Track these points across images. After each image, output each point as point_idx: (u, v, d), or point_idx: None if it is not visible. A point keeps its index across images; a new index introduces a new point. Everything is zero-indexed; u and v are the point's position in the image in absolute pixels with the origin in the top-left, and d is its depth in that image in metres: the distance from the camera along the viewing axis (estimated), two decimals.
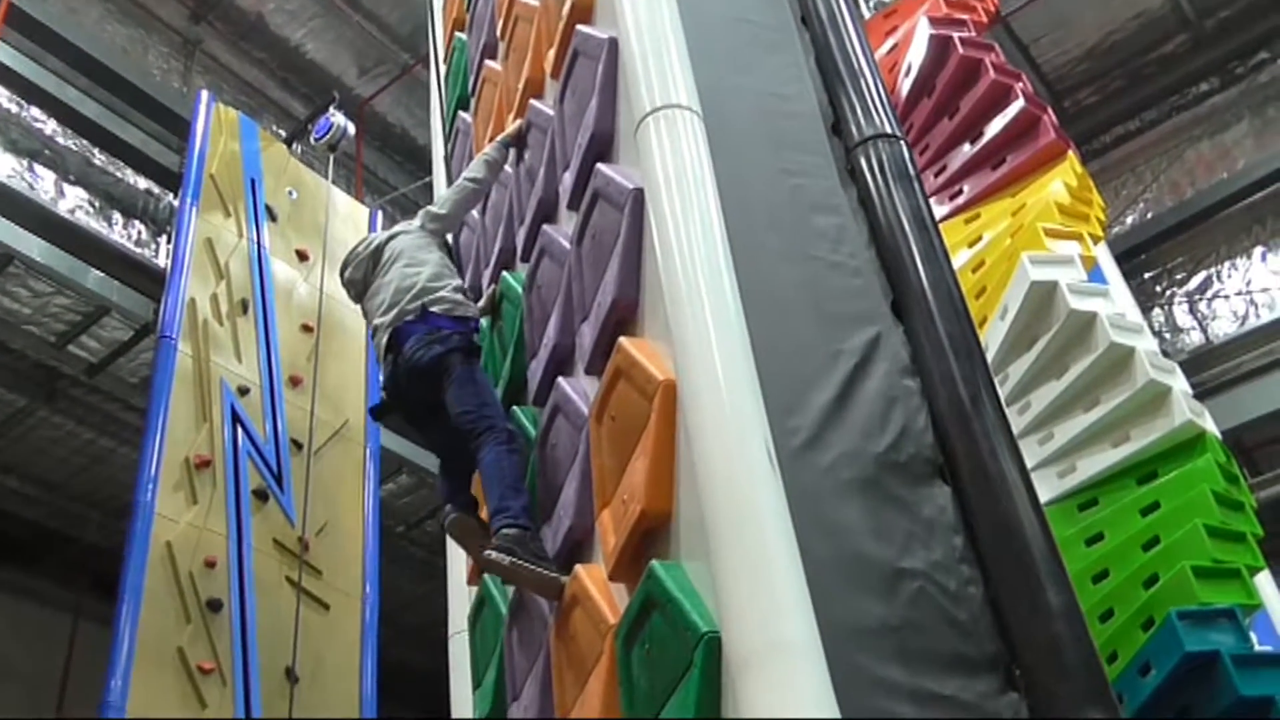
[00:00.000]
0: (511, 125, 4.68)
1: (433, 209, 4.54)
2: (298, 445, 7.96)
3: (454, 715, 4.48)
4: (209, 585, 6.96)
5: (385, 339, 4.07)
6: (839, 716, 2.02)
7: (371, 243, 4.47)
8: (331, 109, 9.74)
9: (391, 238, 4.40)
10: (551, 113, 4.14)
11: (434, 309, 4.00)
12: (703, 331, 2.59)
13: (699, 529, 2.38)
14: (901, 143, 3.23)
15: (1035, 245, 5.32)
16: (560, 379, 3.60)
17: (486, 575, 4.10)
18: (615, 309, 3.15)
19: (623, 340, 3.00)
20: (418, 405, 4.03)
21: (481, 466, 3.63)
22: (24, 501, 10.04)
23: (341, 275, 4.58)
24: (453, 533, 4.05)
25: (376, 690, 7.54)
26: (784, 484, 2.34)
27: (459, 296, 4.12)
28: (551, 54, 4.27)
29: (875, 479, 2.58)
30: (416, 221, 4.48)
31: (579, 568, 3.12)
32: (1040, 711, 2.30)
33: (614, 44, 3.46)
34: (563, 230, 3.89)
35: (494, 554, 3.31)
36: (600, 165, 3.43)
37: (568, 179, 3.81)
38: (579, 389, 3.47)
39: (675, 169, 2.89)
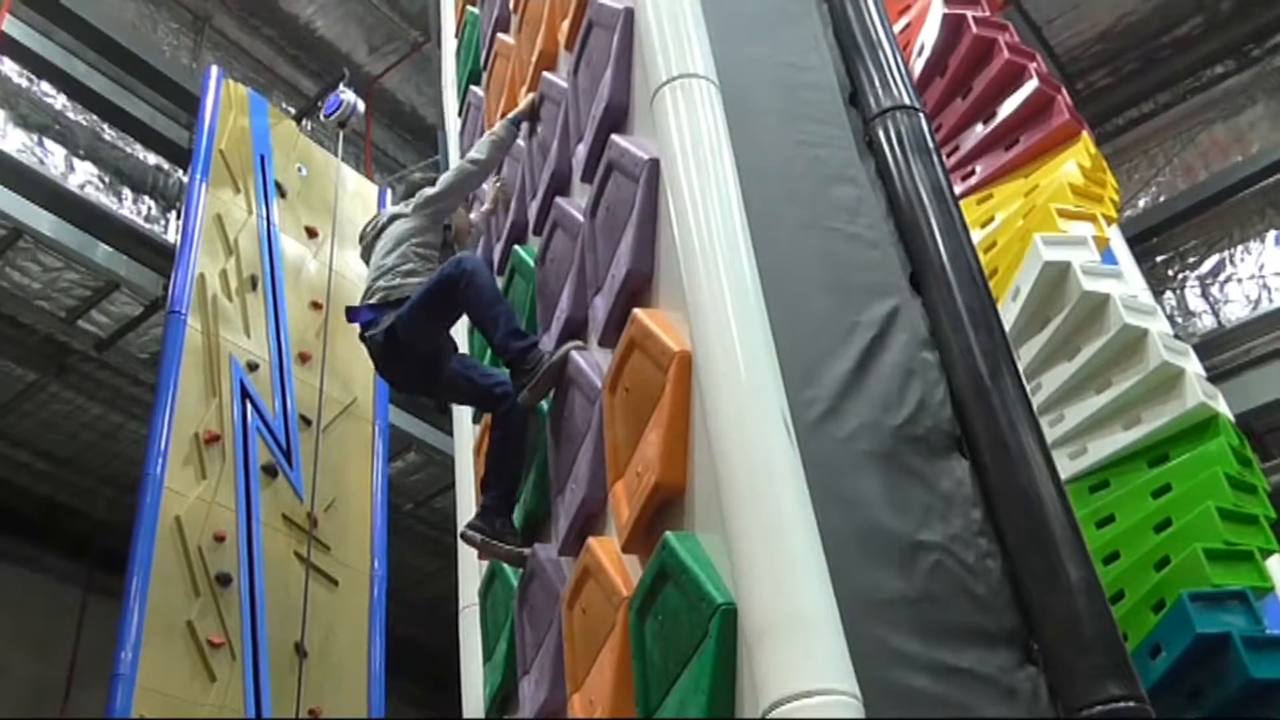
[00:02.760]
0: (524, 99, 4.65)
1: (428, 191, 4.40)
2: (306, 421, 7.98)
3: (464, 689, 4.49)
4: (218, 560, 6.99)
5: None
6: (856, 688, 2.00)
7: (376, 224, 4.50)
8: (341, 86, 9.72)
9: (391, 221, 4.40)
10: (565, 85, 4.12)
11: (371, 301, 4.15)
12: (719, 302, 2.56)
13: (714, 500, 2.37)
14: (920, 114, 3.20)
15: (1048, 226, 5.29)
16: (574, 351, 3.58)
17: None
18: (629, 280, 3.13)
19: (637, 311, 2.98)
20: (415, 376, 4.20)
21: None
22: (34, 476, 10.09)
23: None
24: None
25: (385, 665, 7.57)
26: (800, 455, 2.32)
27: (395, 281, 4.14)
28: (565, 25, 4.24)
29: (893, 451, 2.56)
30: (411, 204, 4.40)
31: (592, 540, 3.11)
32: (1059, 685, 2.29)
33: (629, 14, 3.43)
34: (576, 203, 3.87)
35: (466, 530, 3.81)
36: (615, 136, 3.40)
37: (581, 151, 3.79)
38: (592, 361, 3.46)
39: (692, 139, 2.86)
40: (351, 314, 4.26)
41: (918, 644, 2.28)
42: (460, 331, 4.86)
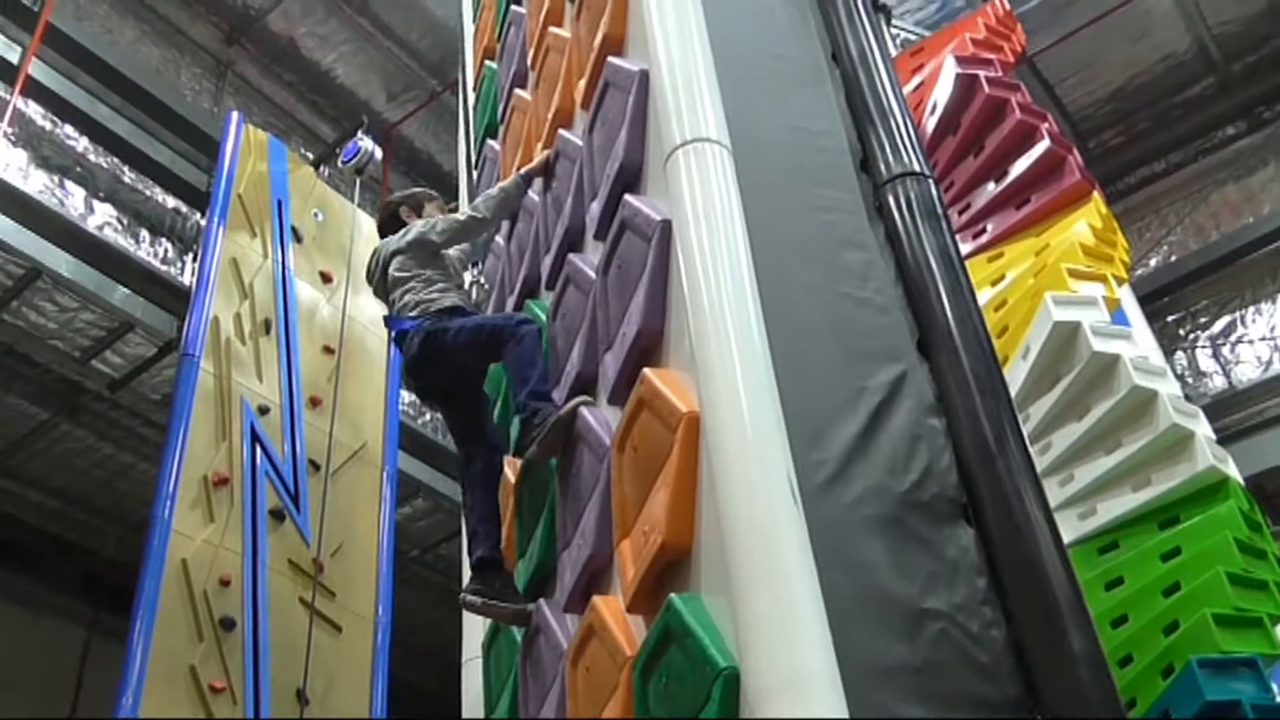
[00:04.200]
0: (539, 155, 4.70)
1: (430, 236, 4.57)
2: (315, 466, 7.98)
3: None
4: (223, 603, 6.97)
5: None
6: None
7: (379, 259, 4.72)
8: (359, 133, 9.81)
9: (393, 257, 4.61)
10: (580, 143, 4.17)
11: (411, 314, 4.38)
12: (728, 364, 2.58)
13: (720, 562, 2.37)
14: (930, 181, 3.24)
15: (1059, 285, 5.32)
16: (583, 408, 3.60)
17: None
18: (640, 339, 3.15)
19: (647, 371, 3.00)
20: (441, 390, 4.45)
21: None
22: (43, 514, 10.11)
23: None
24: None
25: (387, 714, 7.52)
26: (806, 520, 2.32)
27: (430, 295, 4.40)
28: (582, 84, 4.30)
29: (899, 517, 2.56)
30: (409, 240, 4.59)
31: (597, 598, 3.11)
32: None
33: (645, 76, 3.48)
34: (588, 259, 3.90)
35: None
36: (628, 196, 3.44)
37: (595, 209, 3.82)
38: (601, 418, 3.47)
39: (704, 202, 2.90)
40: (392, 322, 4.50)
41: (921, 712, 2.27)
42: None
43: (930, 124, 6.66)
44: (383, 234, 4.93)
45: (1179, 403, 4.80)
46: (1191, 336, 11.05)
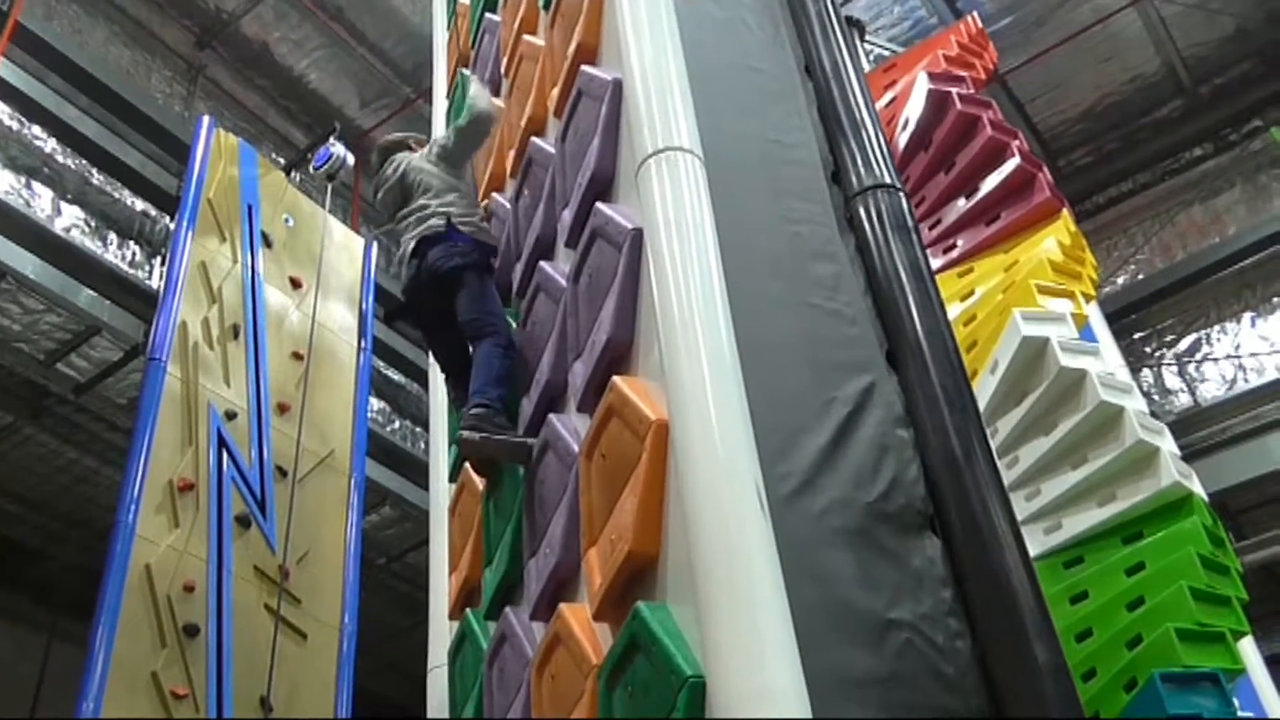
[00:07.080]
0: (510, 161, 4.71)
1: (444, 143, 4.74)
2: (282, 472, 7.91)
3: None
4: (187, 610, 6.89)
5: (410, 246, 4.43)
6: None
7: (399, 170, 4.75)
8: (332, 139, 9.76)
9: (417, 170, 4.68)
10: (553, 150, 4.17)
11: (461, 228, 4.40)
12: (697, 373, 2.59)
13: (687, 571, 2.37)
14: (900, 193, 3.26)
15: (1027, 301, 5.35)
16: (552, 415, 3.60)
17: (468, 611, 4.14)
18: (610, 347, 3.15)
19: (616, 379, 3.00)
20: (431, 312, 4.42)
21: (475, 359, 4.14)
22: (4, 518, 9.96)
23: (374, 195, 4.99)
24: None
25: None
26: (774, 529, 2.33)
27: (483, 225, 4.55)
28: (555, 93, 4.30)
29: (865, 528, 2.57)
30: (435, 150, 4.74)
31: (563, 606, 3.10)
32: None
33: (618, 85, 3.49)
34: (559, 267, 3.90)
35: (464, 433, 3.80)
36: (600, 204, 3.44)
37: (567, 217, 3.83)
38: (570, 426, 3.47)
39: (675, 211, 2.91)
40: (448, 234, 4.39)
41: None
42: None
43: (902, 140, 6.70)
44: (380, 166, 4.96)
45: (1145, 419, 4.84)
46: (1158, 354, 11.17)
